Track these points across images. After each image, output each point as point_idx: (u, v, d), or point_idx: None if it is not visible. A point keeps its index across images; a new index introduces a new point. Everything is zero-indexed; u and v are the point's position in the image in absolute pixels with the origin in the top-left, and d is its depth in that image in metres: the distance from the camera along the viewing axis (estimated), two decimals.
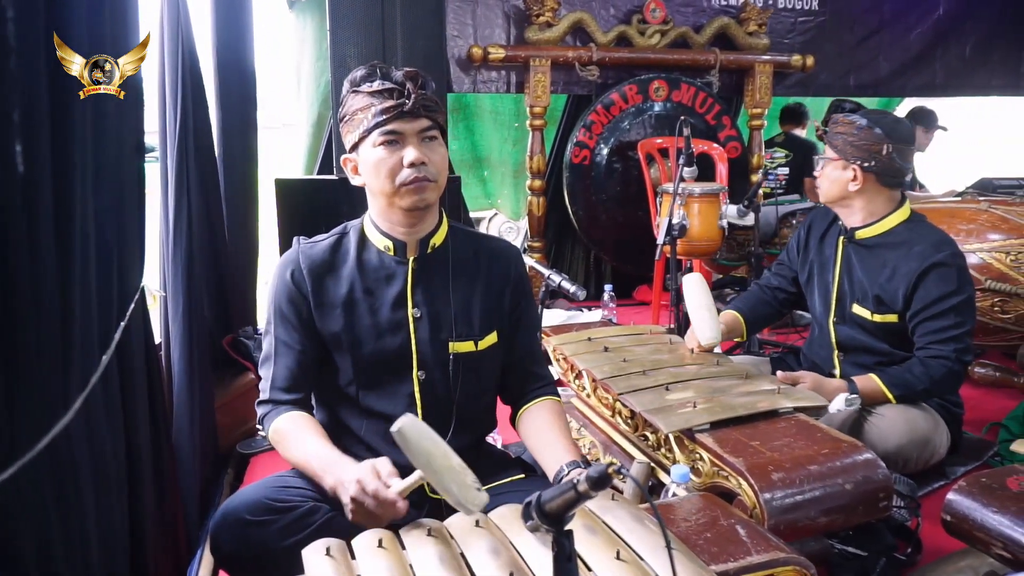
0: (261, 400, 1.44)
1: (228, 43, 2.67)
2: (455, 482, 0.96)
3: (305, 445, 1.34)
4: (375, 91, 1.33)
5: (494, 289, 1.49)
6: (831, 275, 2.17)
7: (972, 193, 3.38)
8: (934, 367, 1.93)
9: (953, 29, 5.08)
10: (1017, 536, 1.31)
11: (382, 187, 1.36)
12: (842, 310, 2.13)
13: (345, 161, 1.43)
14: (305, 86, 4.14)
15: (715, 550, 1.10)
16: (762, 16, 4.43)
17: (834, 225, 2.22)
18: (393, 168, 1.34)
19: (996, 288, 2.59)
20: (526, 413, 1.53)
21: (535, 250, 4.22)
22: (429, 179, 1.36)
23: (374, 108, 1.33)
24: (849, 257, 2.13)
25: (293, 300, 1.42)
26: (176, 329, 1.89)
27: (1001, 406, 2.50)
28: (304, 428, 1.38)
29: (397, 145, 1.34)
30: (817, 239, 2.25)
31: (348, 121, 1.38)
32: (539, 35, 4.03)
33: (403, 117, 1.33)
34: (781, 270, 2.37)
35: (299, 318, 1.42)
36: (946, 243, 1.98)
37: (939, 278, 1.93)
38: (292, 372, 1.42)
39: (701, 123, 4.32)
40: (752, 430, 1.56)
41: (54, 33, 1.04)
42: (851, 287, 2.11)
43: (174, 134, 1.93)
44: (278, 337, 1.43)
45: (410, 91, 1.33)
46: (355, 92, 1.36)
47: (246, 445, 2.36)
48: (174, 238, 1.89)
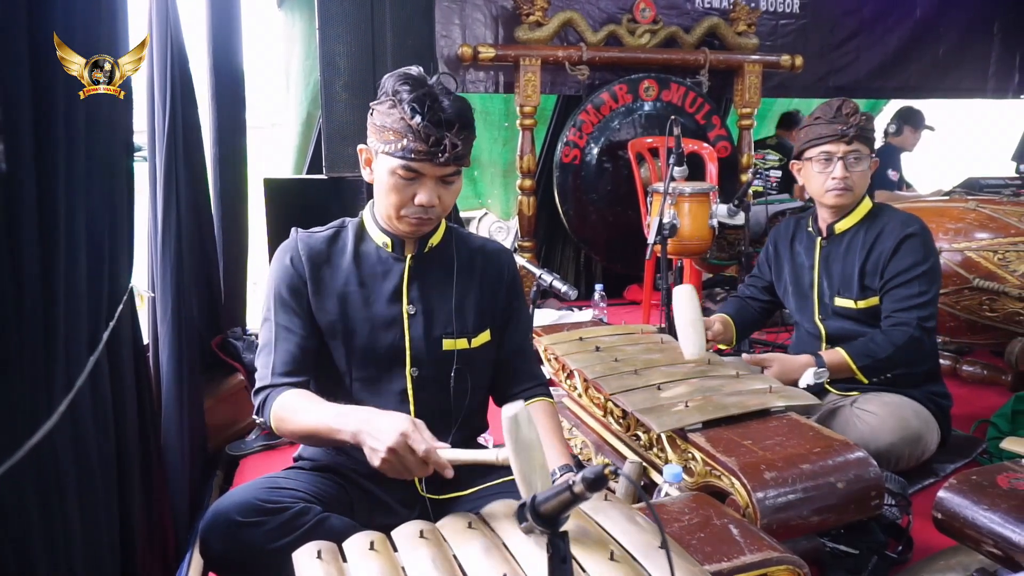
0: (259, 388, 1.39)
1: (218, 42, 2.65)
2: (541, 481, 0.96)
3: (317, 407, 1.31)
4: (414, 127, 1.27)
5: (488, 288, 1.50)
6: (808, 277, 2.21)
7: (960, 192, 3.41)
8: (896, 335, 1.97)
9: (927, 34, 5.18)
10: (1007, 533, 1.32)
11: (386, 208, 1.38)
12: (825, 307, 2.17)
13: (362, 150, 1.42)
14: (294, 85, 4.12)
15: (708, 550, 1.10)
16: (751, 16, 4.45)
17: (799, 232, 2.27)
18: (403, 201, 1.34)
19: (984, 286, 2.61)
20: None
21: (525, 250, 4.21)
22: (432, 219, 1.38)
23: (406, 142, 1.28)
24: (827, 255, 2.17)
25: (294, 285, 1.41)
26: (164, 330, 1.87)
27: (989, 403, 2.52)
28: (312, 397, 1.35)
29: (414, 182, 1.33)
30: (787, 249, 2.30)
31: (378, 126, 1.33)
32: (529, 34, 4.02)
33: (431, 163, 1.30)
34: (754, 282, 2.43)
35: (299, 303, 1.41)
36: (914, 218, 2.06)
37: (910, 248, 2.00)
38: (294, 356, 1.39)
39: (691, 123, 4.33)
40: (744, 429, 1.57)
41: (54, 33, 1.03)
42: (831, 283, 2.15)
43: (163, 133, 1.92)
44: (279, 323, 1.41)
45: (447, 147, 1.28)
46: (395, 104, 1.29)
47: (235, 447, 2.34)
48: (162, 238, 1.87)
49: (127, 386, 1.40)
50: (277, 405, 1.34)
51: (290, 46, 4.11)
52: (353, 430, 1.21)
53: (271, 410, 1.35)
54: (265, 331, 1.43)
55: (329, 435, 1.27)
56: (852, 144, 2.03)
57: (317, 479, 1.40)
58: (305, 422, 1.31)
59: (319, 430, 1.28)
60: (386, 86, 1.32)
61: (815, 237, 2.20)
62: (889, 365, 2.00)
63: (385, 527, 1.13)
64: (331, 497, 1.37)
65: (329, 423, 1.26)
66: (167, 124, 1.92)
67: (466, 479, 1.45)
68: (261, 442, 2.33)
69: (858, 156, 2.04)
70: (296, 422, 1.32)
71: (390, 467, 1.16)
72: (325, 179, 2.84)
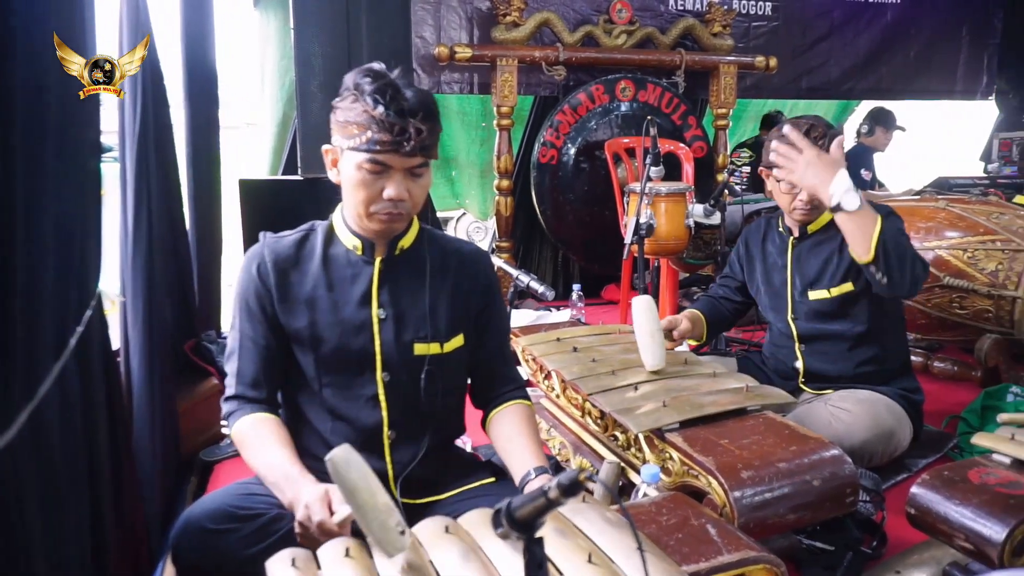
0: (227, 396, 1.41)
1: (192, 40, 2.61)
2: (376, 521, 0.93)
3: (266, 453, 1.32)
4: (377, 117, 1.25)
5: (461, 292, 1.47)
6: (782, 277, 2.22)
7: (930, 192, 3.46)
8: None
9: (897, 36, 5.27)
10: (978, 528, 1.34)
11: (355, 206, 1.34)
12: (798, 306, 2.19)
13: (327, 151, 1.38)
14: (269, 85, 4.08)
15: (686, 550, 1.10)
16: (726, 17, 4.49)
17: (770, 233, 2.29)
18: (372, 196, 1.31)
19: (954, 284, 2.65)
20: (496, 416, 1.52)
21: (503, 250, 4.21)
22: (402, 214, 1.35)
23: (371, 133, 1.26)
24: (799, 254, 2.19)
25: (258, 294, 1.40)
26: (136, 334, 1.83)
27: (960, 399, 2.56)
28: (267, 435, 1.36)
29: (381, 175, 1.30)
30: (758, 248, 2.32)
31: (341, 122, 1.31)
32: (506, 35, 4.02)
33: (397, 154, 1.28)
34: (726, 282, 2.44)
35: (264, 313, 1.40)
36: (885, 206, 2.02)
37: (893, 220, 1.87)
38: (257, 366, 1.40)
39: (667, 123, 4.35)
40: (721, 428, 1.57)
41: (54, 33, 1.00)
42: (803, 279, 2.16)
43: (133, 133, 1.88)
44: (243, 332, 1.40)
45: (412, 135, 1.26)
46: (357, 98, 1.27)
47: (210, 452, 2.30)
48: (133, 241, 1.83)
49: (97, 393, 1.37)
50: (236, 430, 1.38)
51: (265, 46, 4.07)
52: (287, 501, 1.24)
53: (232, 431, 1.39)
54: (232, 338, 1.42)
55: (272, 487, 1.30)
56: None
57: None
58: (254, 464, 1.34)
59: (264, 479, 1.32)
60: (347, 82, 1.31)
61: (787, 237, 2.22)
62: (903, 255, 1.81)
63: (362, 533, 1.11)
64: None
65: (270, 481, 1.29)
66: (138, 124, 1.88)
67: (443, 483, 1.44)
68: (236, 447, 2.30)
69: None
70: (247, 458, 1.36)
71: (305, 542, 1.18)
72: (301, 180, 2.81)
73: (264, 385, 1.40)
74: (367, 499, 0.94)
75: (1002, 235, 2.62)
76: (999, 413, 1.84)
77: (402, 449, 1.41)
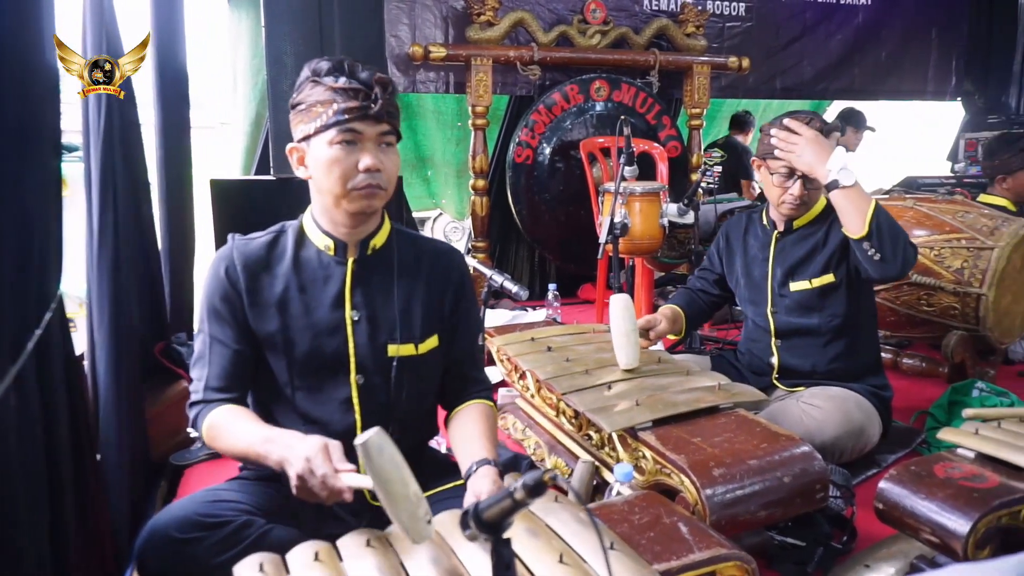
0: (193, 401, 1.37)
1: (162, 39, 2.57)
2: (407, 511, 0.93)
3: (246, 428, 1.29)
4: (340, 87, 1.28)
5: (435, 292, 1.46)
6: (761, 270, 2.24)
7: (898, 191, 3.52)
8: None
9: (869, 37, 5.34)
10: (944, 521, 1.36)
11: (331, 187, 1.33)
12: (778, 300, 2.21)
13: (291, 151, 1.38)
14: (241, 84, 4.03)
15: (658, 549, 1.11)
16: (700, 18, 4.52)
17: (752, 227, 2.31)
18: (347, 171, 1.31)
19: (921, 282, 2.70)
20: (456, 415, 1.50)
21: (479, 250, 4.20)
22: (381, 187, 1.34)
23: (337, 104, 1.28)
24: (782, 248, 2.21)
25: (227, 297, 1.37)
26: (102, 337, 1.80)
27: (927, 395, 2.60)
28: (243, 416, 1.33)
29: (354, 147, 1.31)
30: (739, 243, 2.33)
31: (303, 111, 1.33)
32: (480, 34, 4.01)
33: (366, 119, 1.30)
34: (704, 275, 2.46)
35: (233, 316, 1.37)
36: None
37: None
38: (226, 371, 1.36)
39: (641, 123, 4.37)
40: (693, 427, 1.58)
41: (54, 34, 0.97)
42: (784, 271, 2.19)
43: (98, 132, 1.84)
44: (212, 335, 1.37)
45: (377, 95, 1.29)
46: (316, 83, 1.31)
47: (180, 456, 2.27)
48: (99, 242, 1.80)
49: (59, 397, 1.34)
50: (207, 425, 1.32)
51: (237, 45, 4.03)
52: (278, 457, 1.19)
53: (202, 428, 1.33)
54: (199, 343, 1.39)
55: (257, 460, 1.24)
56: None
57: (262, 489, 1.36)
58: (234, 444, 1.29)
59: (247, 454, 1.26)
60: (301, 77, 1.34)
61: (770, 231, 2.23)
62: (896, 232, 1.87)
63: (334, 537, 1.10)
64: (277, 508, 1.33)
65: (257, 448, 1.23)
66: (103, 122, 1.84)
67: None
68: (207, 451, 2.27)
69: (804, 176, 2.02)
70: (226, 441, 1.30)
71: (303, 493, 1.14)
72: (273, 180, 2.78)
73: (234, 390, 1.37)
74: (399, 489, 0.93)
75: (967, 233, 2.67)
76: (965, 408, 1.87)
77: None
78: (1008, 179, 2.97)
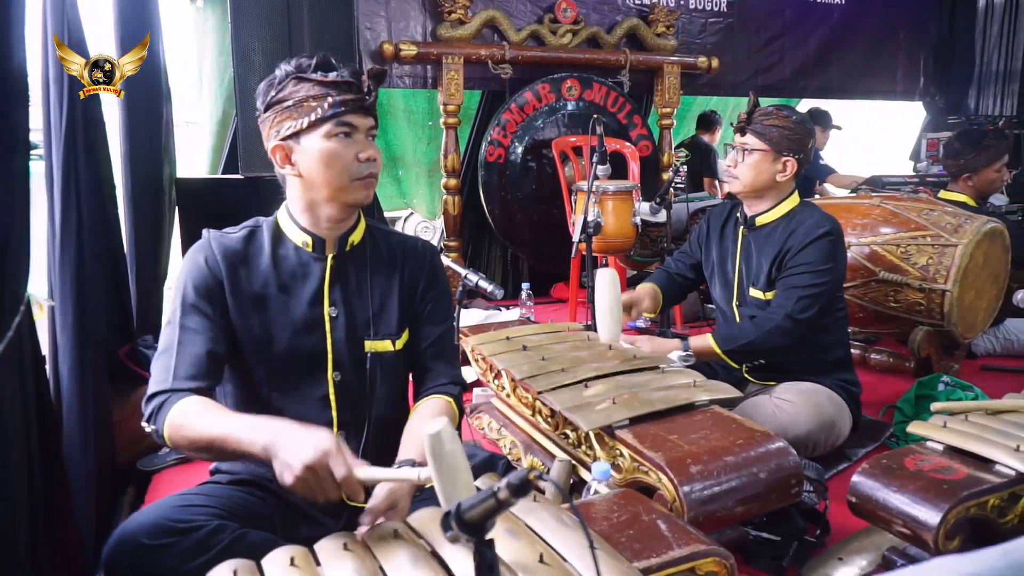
0: (155, 392, 1.26)
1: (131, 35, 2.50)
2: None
3: (222, 416, 1.21)
4: (332, 82, 1.29)
5: (409, 285, 1.47)
6: (732, 264, 2.28)
7: (865, 189, 3.58)
8: (764, 321, 2.07)
9: (844, 37, 5.42)
10: (914, 512, 1.38)
11: (331, 179, 1.32)
12: (742, 295, 2.25)
13: (275, 150, 1.35)
14: (208, 82, 3.96)
15: (637, 546, 1.11)
16: (670, 18, 4.55)
17: (731, 218, 2.34)
18: (348, 162, 1.32)
19: (889, 279, 2.75)
20: (415, 409, 1.46)
21: (452, 249, 4.18)
22: (376, 176, 1.37)
23: (332, 98, 1.29)
24: (748, 245, 2.24)
25: (208, 286, 1.33)
26: (65, 340, 1.75)
27: (895, 389, 2.66)
28: (216, 406, 1.25)
29: (350, 139, 1.32)
30: (717, 233, 2.36)
31: (291, 107, 1.30)
32: (451, 32, 3.99)
33: (360, 112, 1.32)
34: (682, 258, 2.49)
35: (212, 305, 1.32)
36: (828, 219, 2.13)
37: (817, 248, 2.07)
38: (200, 359, 1.28)
39: (613, 122, 4.39)
40: (670, 424, 1.59)
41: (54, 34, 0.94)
42: (748, 272, 2.23)
43: (60, 130, 1.79)
44: (185, 325, 1.30)
45: (370, 87, 1.32)
46: (302, 79, 1.30)
47: (147, 462, 2.21)
48: (62, 243, 1.75)
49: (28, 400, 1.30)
50: (176, 411, 1.22)
51: (203, 41, 3.95)
52: (266, 442, 1.12)
53: (167, 416, 1.22)
54: (168, 333, 1.31)
55: (236, 447, 1.15)
56: (744, 136, 2.14)
57: (235, 493, 1.33)
58: (207, 430, 1.19)
59: (225, 440, 1.17)
60: (275, 77, 1.33)
61: (740, 226, 2.27)
62: (752, 350, 2.08)
63: (310, 540, 1.08)
64: (251, 512, 1.30)
65: (238, 435, 1.15)
66: (64, 120, 1.79)
67: None
68: (175, 455, 2.22)
69: (746, 148, 2.13)
70: (195, 430, 1.20)
71: (303, 486, 1.08)
72: (241, 179, 2.73)
73: (205, 380, 1.28)
74: (463, 477, 0.91)
75: (932, 231, 2.72)
76: (932, 402, 1.91)
77: (352, 451, 1.37)
78: (973, 177, 3.04)
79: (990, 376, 2.96)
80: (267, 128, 1.35)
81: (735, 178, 2.17)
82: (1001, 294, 2.91)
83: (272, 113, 1.33)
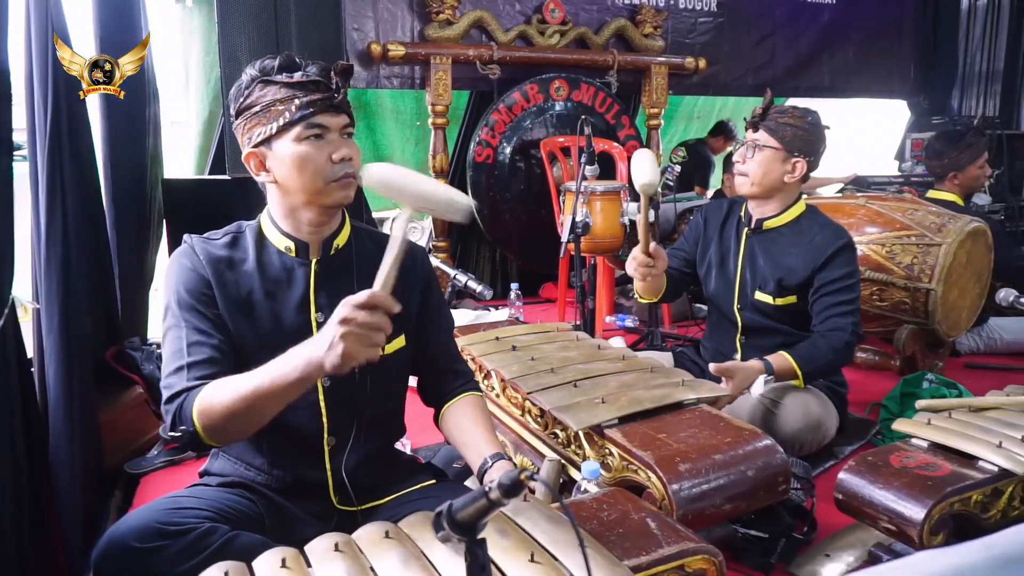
0: (176, 391, 1.22)
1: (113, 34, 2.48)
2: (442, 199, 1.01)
3: (246, 375, 1.17)
4: (298, 82, 1.26)
5: (400, 291, 1.44)
6: (733, 265, 2.26)
7: (851, 189, 3.61)
8: (834, 339, 2.05)
9: (838, 36, 5.45)
10: (900, 509, 1.40)
11: (306, 184, 1.29)
12: (744, 298, 2.23)
13: (249, 157, 1.33)
14: (194, 82, 3.93)
15: (627, 545, 1.11)
16: (658, 19, 4.57)
17: (731, 217, 2.31)
18: (321, 164, 1.28)
19: (874, 278, 2.77)
20: (448, 411, 1.50)
21: (440, 250, 4.18)
22: (354, 175, 1.32)
23: (298, 100, 1.26)
24: (752, 248, 2.23)
25: (199, 287, 1.30)
26: (51, 342, 1.73)
27: (881, 387, 2.68)
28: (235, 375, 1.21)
29: (322, 140, 1.28)
30: (716, 231, 2.34)
31: (259, 113, 1.28)
32: (439, 33, 3.99)
33: (330, 111, 1.28)
34: (676, 254, 2.44)
35: (208, 307, 1.30)
36: (844, 231, 2.15)
37: (844, 261, 2.09)
38: (213, 358, 1.26)
39: (601, 122, 4.40)
40: (659, 423, 1.60)
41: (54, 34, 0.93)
42: (753, 276, 2.21)
43: (44, 130, 1.77)
44: (190, 326, 1.27)
45: (339, 84, 1.28)
46: (267, 82, 1.27)
47: (135, 464, 2.20)
48: (47, 244, 1.73)
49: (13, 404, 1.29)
50: (200, 398, 1.20)
51: (189, 41, 3.92)
52: (302, 360, 1.10)
53: (192, 408, 1.19)
54: (172, 340, 1.28)
55: (279, 383, 1.13)
56: (756, 132, 2.13)
57: (225, 496, 1.32)
58: (239, 391, 1.16)
59: (260, 387, 1.14)
60: (242, 82, 1.31)
61: (744, 226, 2.26)
62: (828, 370, 2.10)
63: (301, 542, 1.08)
64: (241, 514, 1.30)
65: (271, 374, 1.13)
66: (49, 120, 1.77)
67: (383, 487, 1.42)
68: (164, 458, 2.20)
69: (758, 144, 2.12)
70: (228, 397, 1.17)
71: (356, 342, 1.06)
72: (228, 179, 2.72)
73: (217, 370, 1.25)
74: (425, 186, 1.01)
75: (916, 230, 2.75)
76: (916, 399, 1.93)
77: (342, 456, 1.38)
78: (959, 175, 3.08)
79: (974, 374, 2.99)
80: (240, 135, 1.33)
81: (744, 175, 2.15)
82: (984, 293, 2.95)
83: (243, 120, 1.31)
